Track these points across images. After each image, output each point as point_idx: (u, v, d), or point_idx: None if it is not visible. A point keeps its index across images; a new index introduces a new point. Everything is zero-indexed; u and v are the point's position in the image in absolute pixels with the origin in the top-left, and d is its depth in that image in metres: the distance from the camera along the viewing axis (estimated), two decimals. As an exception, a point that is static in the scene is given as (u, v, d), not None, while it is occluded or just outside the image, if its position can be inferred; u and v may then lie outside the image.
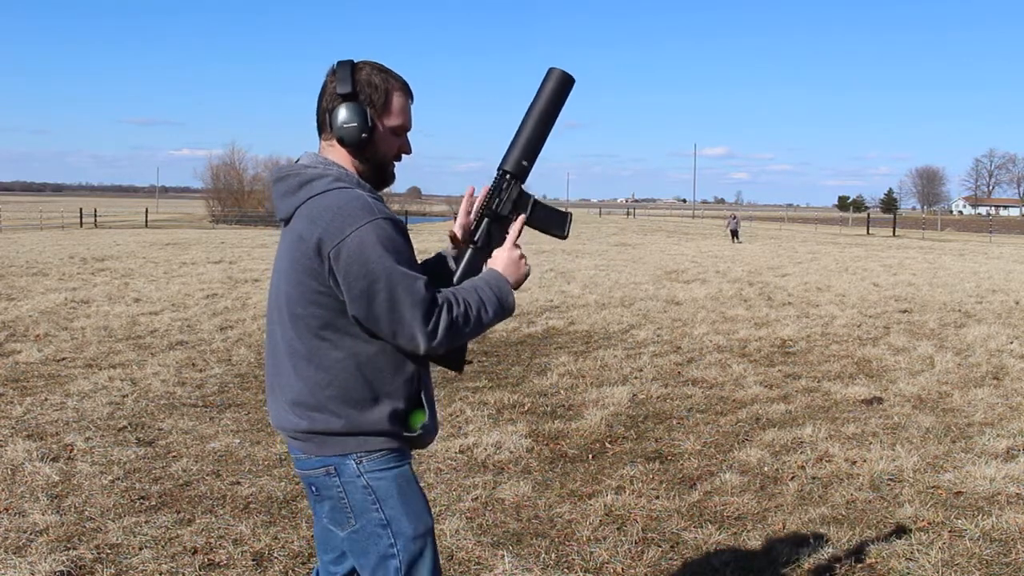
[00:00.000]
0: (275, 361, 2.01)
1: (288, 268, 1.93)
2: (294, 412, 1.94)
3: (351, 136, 1.94)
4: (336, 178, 1.92)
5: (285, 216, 1.96)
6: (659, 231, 44.38)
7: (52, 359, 7.34)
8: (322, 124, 1.99)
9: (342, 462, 1.93)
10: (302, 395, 1.93)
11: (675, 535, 3.78)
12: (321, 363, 1.91)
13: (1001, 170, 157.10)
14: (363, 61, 1.98)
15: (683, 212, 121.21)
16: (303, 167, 1.97)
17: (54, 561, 3.35)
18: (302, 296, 1.91)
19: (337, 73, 1.94)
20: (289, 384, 1.95)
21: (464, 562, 3.48)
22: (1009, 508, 4.07)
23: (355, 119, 1.93)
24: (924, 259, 22.81)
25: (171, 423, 5.43)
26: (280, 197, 1.97)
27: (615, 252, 23.96)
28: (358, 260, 1.82)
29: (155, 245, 23.98)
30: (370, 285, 1.82)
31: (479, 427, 5.42)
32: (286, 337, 1.96)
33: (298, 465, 2.01)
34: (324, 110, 1.97)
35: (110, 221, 47.35)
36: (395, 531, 1.94)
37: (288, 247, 1.94)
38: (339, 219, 1.84)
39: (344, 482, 1.93)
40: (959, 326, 9.88)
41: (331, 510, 1.98)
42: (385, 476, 1.95)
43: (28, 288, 12.24)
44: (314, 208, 1.88)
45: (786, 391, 6.57)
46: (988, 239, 41.96)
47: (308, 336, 1.92)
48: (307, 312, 1.91)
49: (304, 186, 1.92)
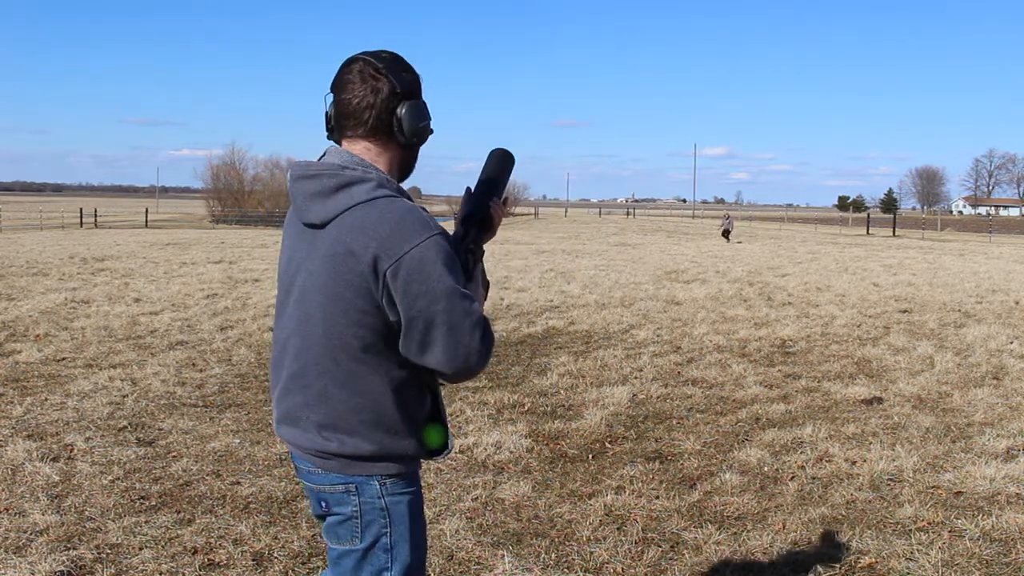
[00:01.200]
0: (293, 376, 1.89)
1: (327, 279, 1.79)
2: (320, 435, 1.85)
3: (425, 135, 1.88)
4: (379, 184, 1.80)
5: (320, 220, 1.80)
6: (659, 231, 44.38)
7: (52, 359, 7.34)
8: (369, 122, 1.83)
9: (366, 482, 1.86)
10: (333, 419, 1.84)
11: (675, 535, 3.78)
12: (357, 387, 1.82)
13: (1001, 170, 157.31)
14: (387, 52, 1.87)
15: (683, 212, 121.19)
16: (338, 167, 1.82)
17: (54, 561, 3.35)
18: (344, 314, 1.78)
19: (388, 69, 1.82)
20: (315, 406, 1.85)
21: (464, 562, 3.48)
22: (1009, 508, 4.07)
23: (426, 117, 1.86)
24: (924, 259, 22.81)
25: (171, 423, 5.43)
26: (310, 197, 1.82)
27: (615, 252, 23.96)
28: (419, 278, 1.72)
29: (155, 245, 23.98)
30: (430, 304, 1.73)
31: (479, 427, 5.42)
32: (316, 355, 1.84)
33: (309, 479, 1.91)
34: (381, 109, 1.82)
35: (110, 221, 47.35)
36: (395, 556, 1.89)
37: (327, 257, 1.79)
38: (397, 234, 1.73)
39: (363, 501, 1.86)
40: (959, 326, 9.88)
41: (337, 524, 1.90)
42: (403, 500, 1.89)
43: (28, 288, 12.24)
44: (364, 219, 1.75)
45: (786, 391, 6.57)
46: (988, 239, 41.95)
47: (346, 359, 1.81)
48: (349, 332, 1.79)
49: (343, 190, 1.78)
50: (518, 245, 27.32)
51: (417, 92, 1.87)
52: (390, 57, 1.85)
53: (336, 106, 1.87)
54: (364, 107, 1.82)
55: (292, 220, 1.93)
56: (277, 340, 1.95)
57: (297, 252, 1.89)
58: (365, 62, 1.83)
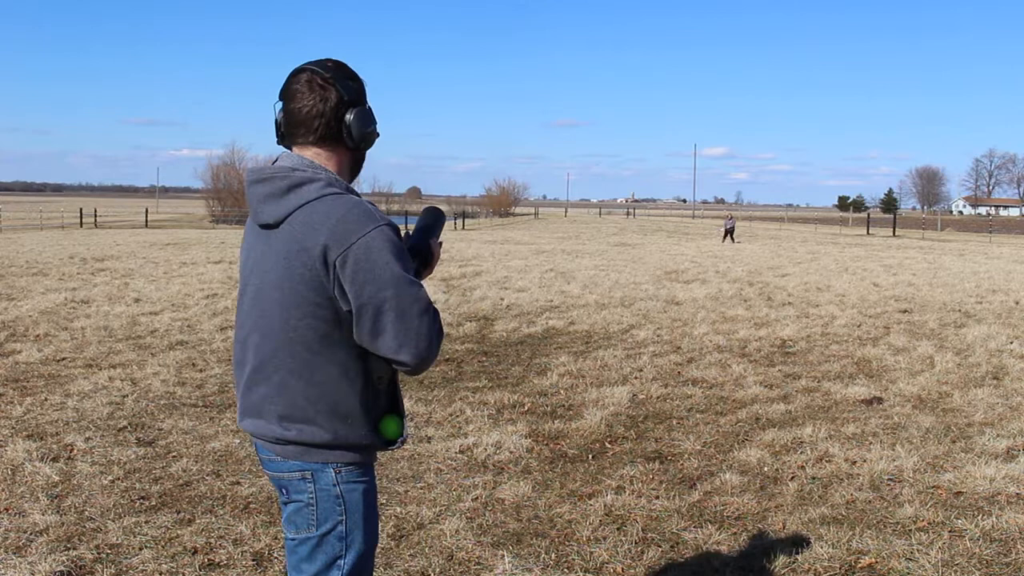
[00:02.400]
0: (252, 367, 1.96)
1: (281, 276, 1.87)
2: (280, 424, 1.91)
3: (372, 139, 1.97)
4: (328, 183, 1.88)
5: (273, 220, 1.89)
6: (659, 231, 44.37)
7: (52, 359, 7.34)
8: (319, 130, 1.91)
9: (322, 469, 1.92)
10: (290, 409, 1.90)
11: (675, 535, 3.78)
12: (313, 378, 1.89)
13: (1001, 170, 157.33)
14: (332, 61, 1.95)
15: (683, 212, 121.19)
16: (289, 169, 1.90)
17: (54, 561, 3.35)
18: (298, 307, 1.86)
19: (335, 77, 1.91)
20: (273, 397, 1.92)
21: (464, 562, 3.48)
22: (1009, 508, 4.07)
23: (372, 122, 1.95)
24: (924, 259, 22.81)
25: (171, 423, 5.43)
26: (263, 200, 1.91)
27: (615, 252, 23.96)
28: (365, 266, 1.80)
29: (155, 245, 23.97)
30: (378, 291, 1.80)
31: (479, 427, 5.42)
32: (274, 349, 1.91)
33: (269, 466, 1.98)
34: (328, 117, 1.90)
35: (110, 221, 47.35)
36: (349, 544, 1.96)
37: (280, 255, 1.87)
38: (343, 226, 1.81)
39: (319, 489, 1.93)
40: (959, 326, 9.88)
41: (294, 512, 1.96)
42: (357, 489, 1.96)
43: (28, 288, 12.24)
44: (314, 215, 1.84)
45: (786, 391, 6.57)
46: (988, 239, 41.94)
47: (302, 350, 1.88)
48: (303, 324, 1.86)
49: (294, 190, 1.87)
50: (518, 245, 27.32)
51: (362, 99, 1.97)
52: (335, 66, 1.94)
53: (286, 115, 1.95)
54: (314, 115, 1.91)
55: (250, 223, 2.03)
56: (237, 339, 2.03)
57: (253, 253, 1.98)
58: (312, 72, 1.91)
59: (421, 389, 6.45)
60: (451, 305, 11.12)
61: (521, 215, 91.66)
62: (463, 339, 8.70)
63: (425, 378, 6.84)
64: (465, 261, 18.79)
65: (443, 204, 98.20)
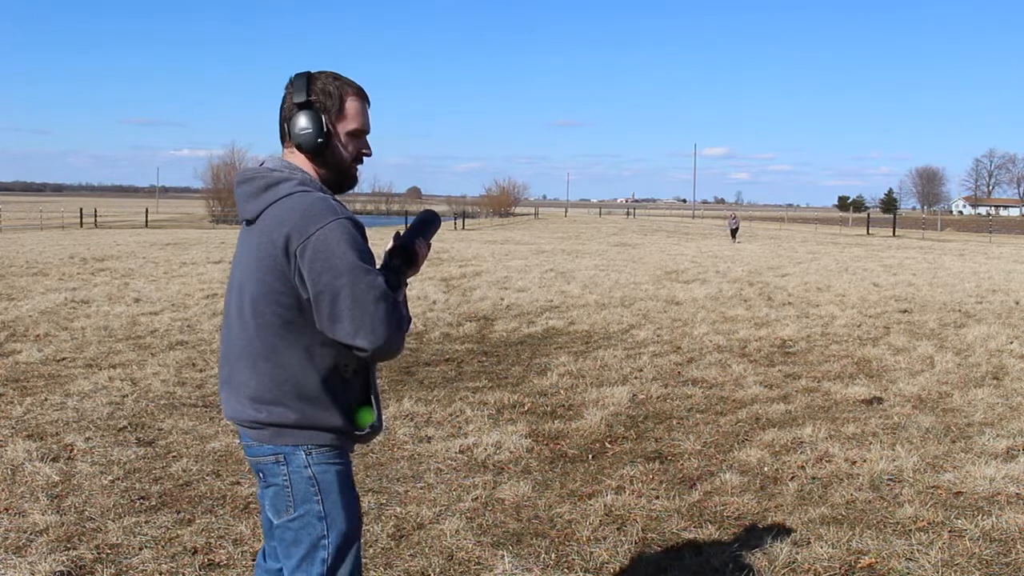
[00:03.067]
0: (231, 358, 2.08)
1: (253, 267, 2.01)
2: (252, 407, 2.03)
3: (308, 142, 2.04)
4: (300, 182, 2.02)
5: (251, 216, 2.04)
6: (659, 231, 44.38)
7: (52, 359, 7.34)
8: (283, 133, 2.08)
9: (293, 452, 2.02)
10: (260, 391, 2.02)
11: (675, 535, 3.78)
12: (279, 360, 2.00)
13: (1001, 170, 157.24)
14: (320, 71, 2.07)
15: (683, 212, 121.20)
16: (268, 171, 2.05)
17: (54, 561, 3.35)
18: (265, 295, 1.99)
19: (294, 84, 2.04)
20: (247, 381, 2.04)
21: (464, 562, 3.48)
22: (1009, 508, 4.06)
23: (311, 125, 2.02)
24: (924, 259, 22.81)
25: (171, 423, 5.43)
26: (246, 199, 2.05)
27: (615, 252, 23.96)
28: (323, 255, 1.91)
29: (155, 245, 23.97)
30: (334, 279, 1.91)
31: (479, 427, 5.42)
32: (245, 335, 2.03)
33: (248, 452, 2.10)
34: (283, 119, 2.06)
35: (110, 221, 47.35)
36: (330, 524, 2.04)
37: (253, 247, 2.01)
38: (305, 218, 1.93)
39: (291, 471, 2.02)
40: (959, 326, 9.88)
41: (274, 496, 2.06)
42: (330, 470, 2.04)
43: (28, 288, 12.24)
44: (281, 209, 1.97)
45: (786, 391, 6.57)
46: (988, 239, 41.94)
47: (268, 334, 2.00)
48: (269, 310, 1.99)
49: (270, 189, 2.01)
50: (518, 245, 27.32)
51: (322, 104, 2.03)
52: (305, 73, 2.05)
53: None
54: (280, 120, 2.09)
55: (243, 226, 2.15)
56: (224, 338, 2.13)
57: (239, 250, 2.12)
58: (293, 78, 2.06)
59: (421, 389, 6.45)
60: (451, 305, 11.12)
61: (521, 215, 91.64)
62: (463, 339, 8.70)
63: (425, 378, 6.85)
64: (465, 261, 18.79)
65: (443, 204, 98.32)
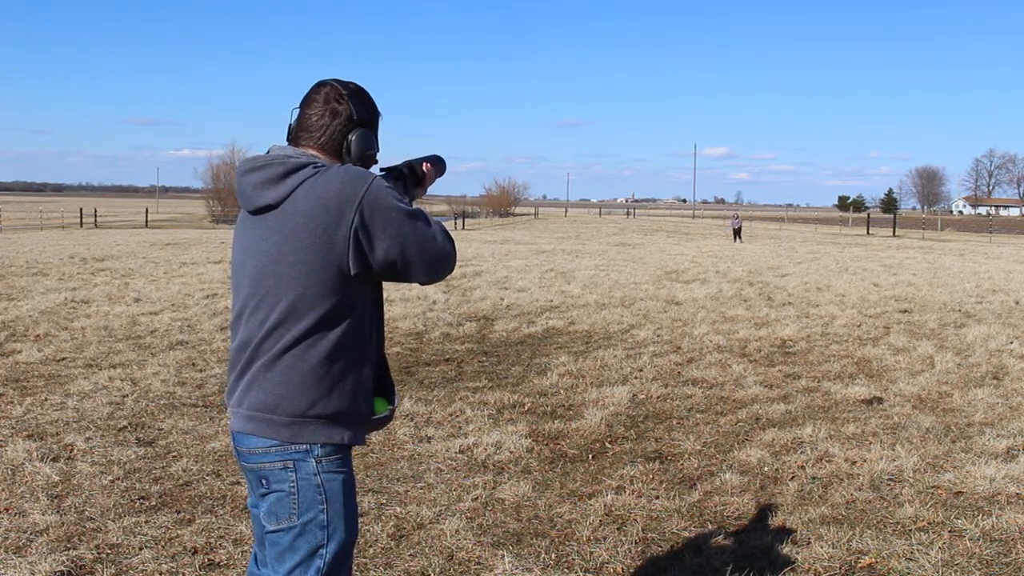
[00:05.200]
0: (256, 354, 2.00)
1: (286, 252, 1.95)
2: (268, 406, 1.99)
3: (370, 162, 2.11)
4: (320, 164, 2.01)
5: (273, 202, 1.97)
6: (659, 231, 44.38)
7: (52, 359, 7.34)
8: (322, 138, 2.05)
9: (304, 458, 1.99)
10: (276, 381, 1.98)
11: (675, 535, 3.78)
12: (304, 353, 1.97)
13: (1001, 170, 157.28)
14: (355, 84, 2.11)
15: (683, 212, 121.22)
16: (285, 156, 2.01)
17: (54, 561, 3.35)
18: (296, 279, 1.94)
19: (350, 97, 2.06)
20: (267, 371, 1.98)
21: (464, 562, 3.48)
22: (1009, 508, 4.06)
23: (375, 146, 2.10)
24: (924, 259, 22.81)
25: (171, 423, 5.43)
26: (260, 186, 1.99)
27: (615, 252, 23.96)
28: (380, 212, 1.94)
29: (155, 245, 23.97)
30: (398, 230, 1.95)
31: (479, 427, 5.42)
32: (269, 328, 1.97)
33: (250, 459, 2.02)
34: (335, 130, 2.05)
35: (110, 221, 47.35)
36: (331, 533, 2.00)
37: (287, 230, 1.95)
38: (347, 186, 1.94)
39: (300, 478, 1.99)
40: (959, 326, 9.88)
41: (275, 503, 2.00)
42: (337, 479, 2.02)
43: (28, 288, 12.24)
44: (316, 187, 1.94)
45: (786, 391, 6.57)
46: (988, 239, 41.95)
47: (293, 321, 1.96)
48: (307, 292, 1.95)
49: (292, 173, 1.97)
50: (518, 245, 27.32)
51: (371, 123, 2.12)
52: (355, 88, 2.10)
53: (299, 119, 2.10)
54: (321, 125, 2.06)
55: (242, 220, 2.10)
56: (235, 334, 2.08)
57: (247, 241, 2.05)
58: (332, 87, 2.07)
59: (421, 389, 6.45)
60: (451, 305, 11.12)
61: (521, 215, 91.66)
62: (463, 339, 8.70)
63: (425, 378, 6.85)
64: (465, 261, 18.79)
65: (443, 204, 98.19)
